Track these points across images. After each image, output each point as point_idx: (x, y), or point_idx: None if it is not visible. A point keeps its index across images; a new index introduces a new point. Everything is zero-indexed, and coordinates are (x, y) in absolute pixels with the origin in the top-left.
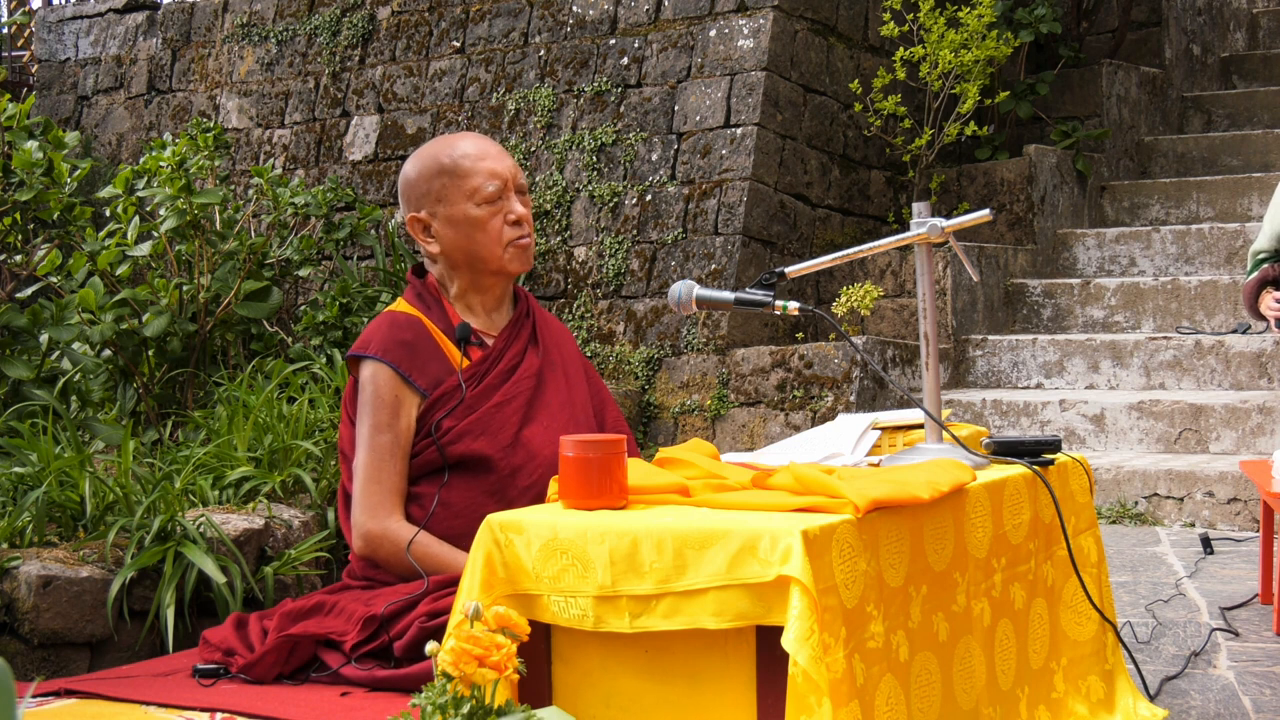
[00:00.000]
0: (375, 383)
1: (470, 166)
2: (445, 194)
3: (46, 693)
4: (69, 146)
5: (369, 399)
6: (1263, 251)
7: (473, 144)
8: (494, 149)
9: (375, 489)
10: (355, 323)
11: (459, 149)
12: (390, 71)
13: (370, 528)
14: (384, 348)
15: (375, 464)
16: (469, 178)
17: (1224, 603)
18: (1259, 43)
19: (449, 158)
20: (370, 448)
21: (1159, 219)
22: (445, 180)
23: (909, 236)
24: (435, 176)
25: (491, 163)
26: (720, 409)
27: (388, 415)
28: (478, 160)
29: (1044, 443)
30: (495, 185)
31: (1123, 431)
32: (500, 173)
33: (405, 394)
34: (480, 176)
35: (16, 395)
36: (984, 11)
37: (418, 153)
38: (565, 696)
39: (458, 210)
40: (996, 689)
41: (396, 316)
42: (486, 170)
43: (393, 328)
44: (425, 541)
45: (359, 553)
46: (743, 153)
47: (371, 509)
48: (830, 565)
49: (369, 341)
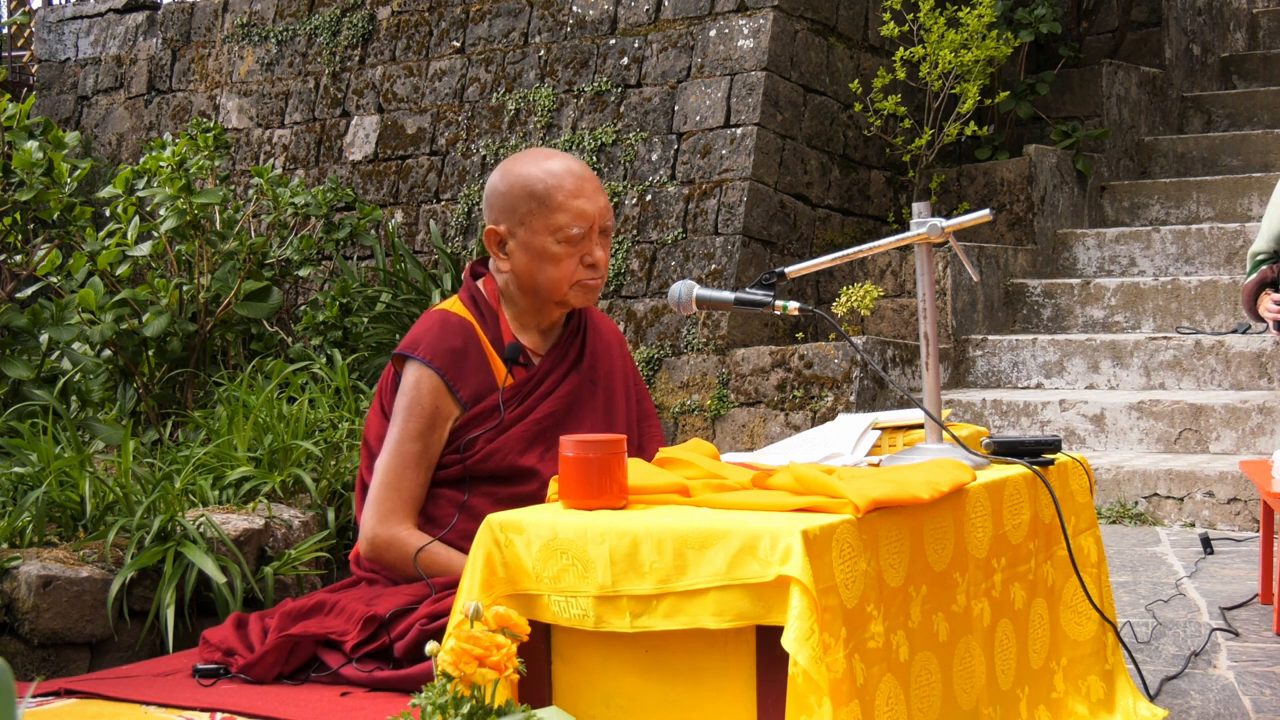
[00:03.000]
0: (419, 389)
1: (562, 201)
2: (529, 220)
3: (46, 693)
4: (69, 146)
5: (408, 404)
6: (1261, 253)
7: (571, 176)
8: (590, 185)
9: (392, 495)
10: (355, 323)
11: (555, 177)
12: (390, 71)
13: (379, 533)
14: (433, 352)
15: (398, 470)
16: (557, 213)
17: (1224, 603)
18: (1259, 43)
19: (543, 185)
20: (397, 452)
21: (1159, 219)
22: (533, 206)
23: (909, 236)
24: (524, 199)
25: (584, 202)
26: (720, 409)
27: (423, 425)
28: (571, 197)
29: (1044, 443)
30: (581, 229)
31: (1123, 431)
32: (590, 215)
33: (446, 404)
34: (568, 215)
35: (16, 395)
36: (984, 11)
37: (510, 164)
38: (565, 696)
39: (537, 240)
40: (996, 689)
41: (449, 319)
42: (576, 210)
43: (444, 331)
44: (435, 549)
45: (365, 554)
46: (743, 153)
47: (383, 515)
48: (830, 565)
49: (418, 342)
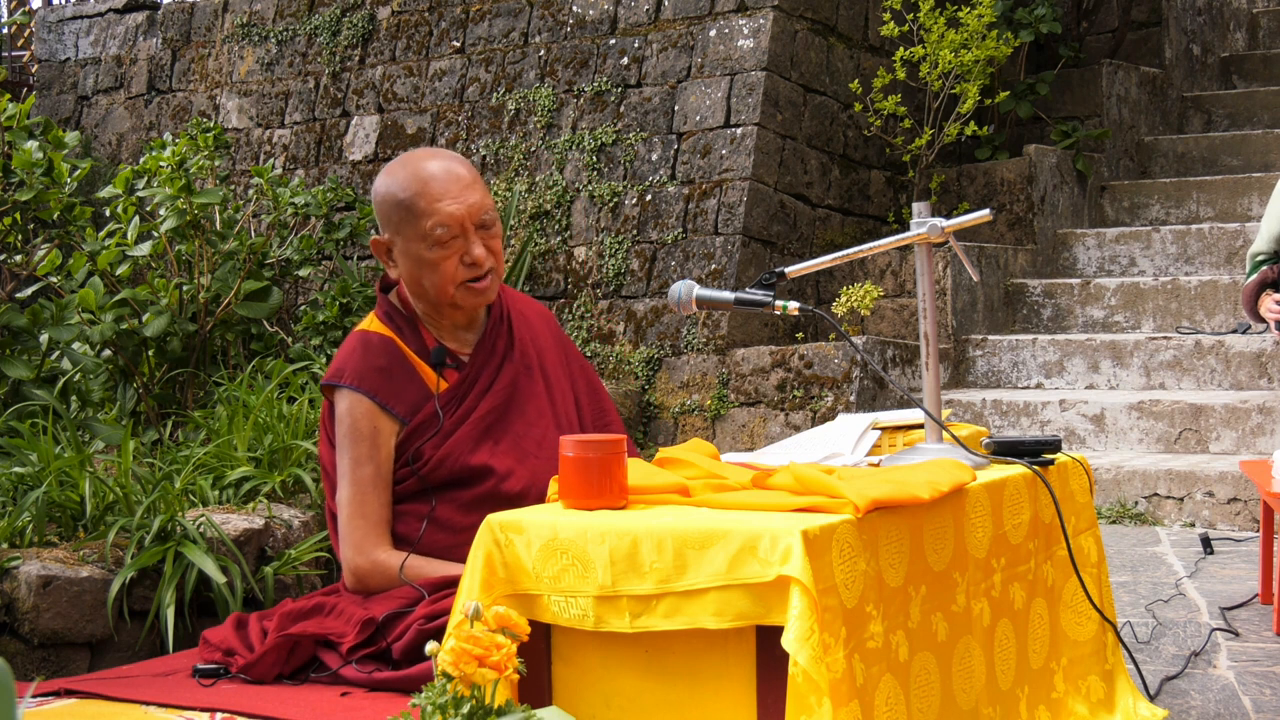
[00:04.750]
0: (353, 415)
1: (425, 207)
2: (403, 228)
3: (46, 693)
4: (69, 146)
5: (347, 432)
6: (1261, 254)
7: (437, 179)
8: (456, 185)
9: (360, 524)
10: (355, 322)
11: (418, 182)
12: (390, 71)
13: (359, 563)
14: (358, 375)
15: (359, 498)
16: (423, 219)
17: (1224, 603)
18: (1259, 43)
19: (406, 192)
20: (352, 481)
21: (1159, 219)
22: (403, 215)
23: (909, 236)
24: (394, 208)
25: (449, 203)
26: (720, 409)
27: (367, 448)
28: (434, 201)
29: (1044, 443)
30: (446, 230)
31: (1123, 431)
32: (458, 216)
33: (383, 423)
34: (433, 219)
35: (16, 395)
36: (984, 11)
37: (387, 170)
38: (565, 696)
39: (412, 248)
40: (996, 689)
41: (370, 339)
42: (443, 214)
43: (366, 353)
44: (414, 562)
45: (350, 587)
46: (743, 153)
47: (357, 544)
48: (830, 565)
49: (343, 370)
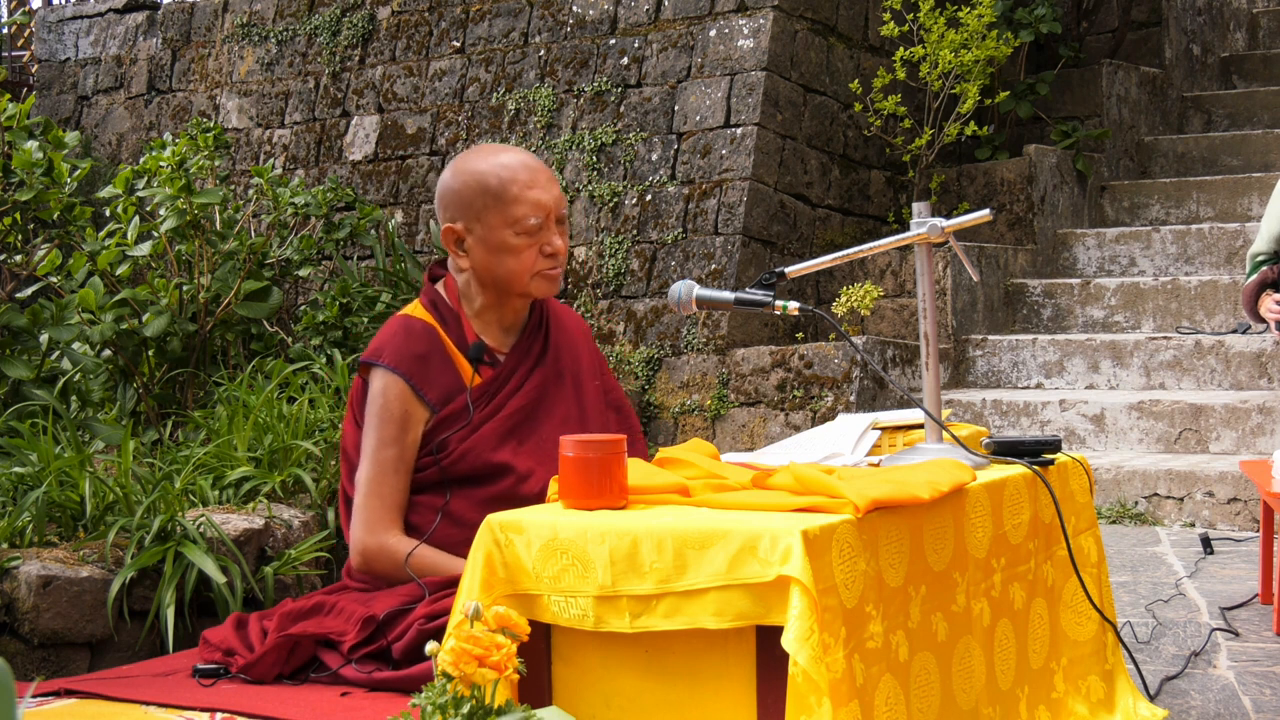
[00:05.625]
0: (385, 395)
1: (517, 194)
2: (485, 215)
3: (46, 693)
4: (69, 146)
5: (377, 411)
6: (1261, 254)
7: (523, 168)
8: (543, 175)
9: (375, 503)
10: (355, 323)
11: (508, 170)
12: (390, 71)
13: (367, 543)
14: (398, 358)
15: (378, 478)
16: (513, 205)
17: (1224, 603)
18: (1259, 43)
19: (496, 178)
20: (375, 461)
21: (1159, 219)
22: (488, 201)
23: (909, 236)
24: (479, 194)
25: (539, 193)
26: (720, 409)
27: (395, 430)
28: (525, 188)
29: (1044, 443)
30: (539, 218)
31: (1123, 431)
32: (546, 204)
33: (415, 408)
34: (525, 206)
35: (16, 395)
36: (984, 11)
37: (461, 161)
38: (565, 696)
39: (495, 235)
40: (996, 689)
41: (412, 324)
42: (533, 201)
43: (408, 338)
44: (423, 552)
45: (356, 567)
46: (743, 153)
47: (369, 524)
48: (830, 565)
49: (382, 349)
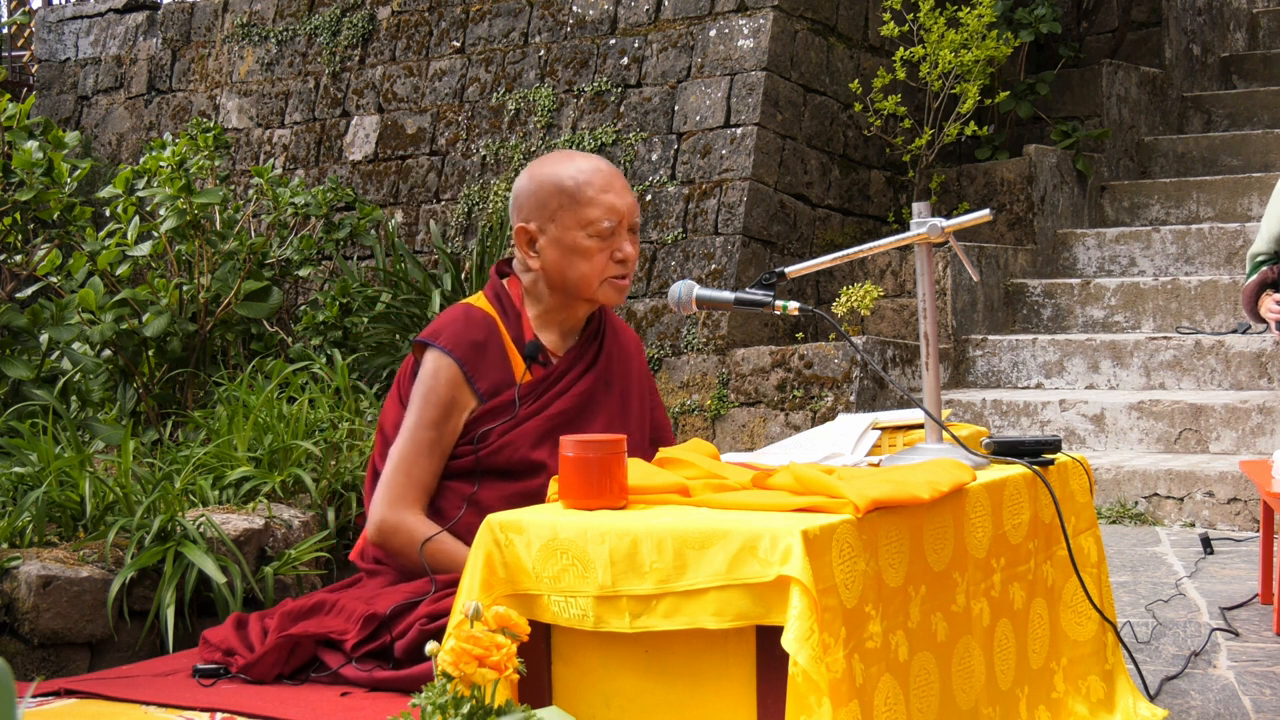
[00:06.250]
0: (437, 377)
1: (592, 196)
2: (560, 215)
3: (46, 693)
4: (69, 146)
5: (426, 391)
6: (1261, 254)
7: (599, 172)
8: (619, 182)
9: (403, 480)
10: (355, 322)
11: (584, 173)
12: (390, 71)
13: (387, 516)
14: (455, 342)
15: (411, 456)
16: (589, 207)
17: (1224, 603)
18: (1259, 43)
19: (573, 180)
20: (412, 438)
21: (1159, 219)
22: (564, 201)
23: (909, 236)
24: (555, 195)
25: (614, 197)
26: (720, 409)
27: (439, 413)
28: (601, 191)
29: (1044, 443)
30: (612, 222)
31: (1123, 431)
32: (620, 209)
33: (463, 394)
34: (600, 209)
35: (16, 395)
36: (984, 11)
37: (538, 165)
38: (565, 696)
39: (568, 236)
40: (996, 689)
41: (473, 312)
42: (608, 205)
43: (467, 324)
44: (443, 538)
45: (371, 539)
46: (743, 153)
47: (393, 500)
48: (830, 565)
49: (440, 331)
